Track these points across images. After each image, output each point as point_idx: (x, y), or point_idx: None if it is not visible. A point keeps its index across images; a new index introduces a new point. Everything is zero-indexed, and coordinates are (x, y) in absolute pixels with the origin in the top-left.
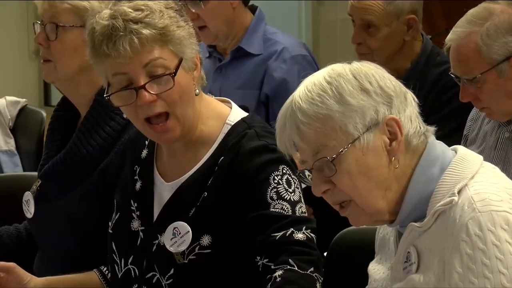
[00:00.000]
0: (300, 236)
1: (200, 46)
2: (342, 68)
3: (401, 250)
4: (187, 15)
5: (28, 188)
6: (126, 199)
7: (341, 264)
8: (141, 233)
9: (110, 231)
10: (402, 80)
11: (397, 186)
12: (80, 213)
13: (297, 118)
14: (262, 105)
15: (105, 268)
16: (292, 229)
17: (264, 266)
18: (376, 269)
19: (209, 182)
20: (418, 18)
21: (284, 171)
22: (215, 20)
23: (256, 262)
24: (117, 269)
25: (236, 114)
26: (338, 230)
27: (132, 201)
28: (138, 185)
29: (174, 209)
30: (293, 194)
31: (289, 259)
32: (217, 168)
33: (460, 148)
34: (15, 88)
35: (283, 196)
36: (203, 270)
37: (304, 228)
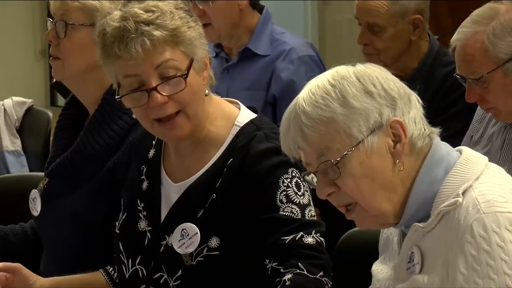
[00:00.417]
0: (310, 240)
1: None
2: (346, 71)
3: (405, 250)
4: (194, 12)
5: (35, 188)
6: (133, 199)
7: (347, 265)
8: (148, 234)
9: (117, 231)
10: (409, 80)
11: (402, 188)
12: (87, 212)
13: (301, 121)
14: (269, 106)
15: (111, 268)
16: (302, 233)
17: (273, 270)
18: (380, 269)
19: (218, 184)
20: (425, 18)
21: (294, 174)
22: (221, 19)
23: (265, 265)
24: (125, 269)
25: (245, 116)
26: (344, 231)
27: (139, 201)
28: (145, 185)
29: (182, 210)
30: (303, 198)
31: (299, 263)
32: (226, 170)
33: (465, 149)
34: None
35: (293, 200)
36: (211, 272)
37: (314, 232)
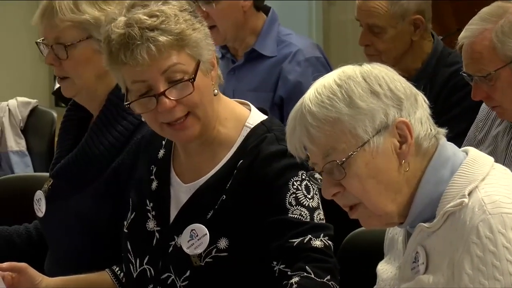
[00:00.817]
0: (318, 244)
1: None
2: (353, 71)
3: (410, 250)
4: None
5: (39, 189)
6: (142, 199)
7: (352, 265)
8: (157, 234)
9: (126, 231)
10: (413, 80)
11: (407, 189)
12: (91, 213)
13: (307, 121)
14: (276, 108)
15: (117, 268)
16: (310, 236)
17: (281, 272)
18: (385, 269)
19: (228, 185)
20: (426, 18)
21: (303, 177)
22: (225, 21)
23: (273, 267)
24: (132, 269)
25: (256, 117)
26: (349, 232)
27: (148, 201)
28: (154, 185)
29: (192, 211)
30: (312, 201)
31: (306, 266)
32: (236, 171)
33: (471, 150)
34: (26, 89)
35: (302, 202)
36: (219, 273)
37: (322, 235)
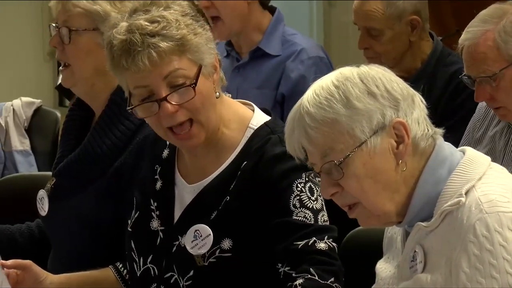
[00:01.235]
0: (322, 246)
1: (218, 45)
2: (350, 72)
3: (408, 249)
4: (201, 3)
5: (43, 188)
6: (146, 198)
7: (351, 264)
8: (161, 233)
9: (129, 229)
10: (413, 81)
11: (405, 189)
12: (94, 212)
13: (305, 122)
14: (278, 105)
15: (121, 265)
16: (315, 238)
17: (285, 274)
18: (383, 268)
19: (232, 187)
20: (422, 18)
21: (307, 179)
22: (228, 10)
23: (277, 269)
24: (136, 267)
25: (259, 118)
26: (348, 231)
27: (152, 201)
28: (159, 185)
29: (196, 212)
30: (316, 202)
31: (311, 268)
32: (240, 173)
33: (468, 149)
34: (30, 89)
35: (306, 204)
36: (223, 274)
37: (326, 238)
